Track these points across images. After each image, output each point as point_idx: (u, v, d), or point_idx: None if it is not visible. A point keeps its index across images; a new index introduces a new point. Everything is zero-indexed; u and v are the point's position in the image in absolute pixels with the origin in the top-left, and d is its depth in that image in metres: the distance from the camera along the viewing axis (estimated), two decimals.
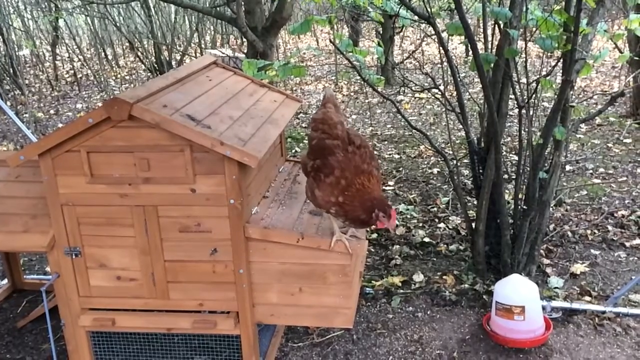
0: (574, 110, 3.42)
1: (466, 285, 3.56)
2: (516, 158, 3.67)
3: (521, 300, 2.93)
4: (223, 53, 7.48)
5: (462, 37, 3.45)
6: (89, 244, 2.49)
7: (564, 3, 3.18)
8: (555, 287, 3.50)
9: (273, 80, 4.79)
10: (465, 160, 4.97)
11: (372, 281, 3.67)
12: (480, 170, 3.60)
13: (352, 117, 7.68)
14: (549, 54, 3.87)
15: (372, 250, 4.09)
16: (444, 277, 3.67)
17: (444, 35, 3.57)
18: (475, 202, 3.75)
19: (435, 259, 3.95)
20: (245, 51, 6.97)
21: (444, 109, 4.03)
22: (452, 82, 3.54)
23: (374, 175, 2.29)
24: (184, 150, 2.29)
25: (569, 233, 4.14)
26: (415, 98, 8.24)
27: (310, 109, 8.12)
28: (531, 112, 3.43)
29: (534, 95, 3.42)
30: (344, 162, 2.26)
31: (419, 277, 3.69)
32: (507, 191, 4.08)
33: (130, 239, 2.45)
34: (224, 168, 2.29)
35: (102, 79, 10.60)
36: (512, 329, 2.96)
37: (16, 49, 11.15)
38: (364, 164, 2.28)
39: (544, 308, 3.15)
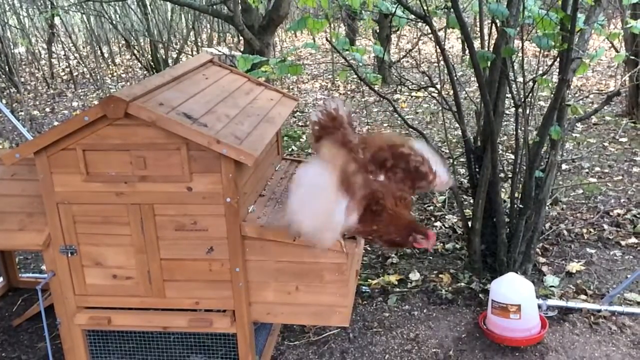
0: (570, 108, 3.43)
1: (462, 284, 3.56)
2: (512, 157, 3.67)
3: (517, 298, 2.94)
4: (220, 51, 7.47)
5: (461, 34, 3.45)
6: (84, 242, 2.48)
7: (560, 1, 3.18)
8: (551, 286, 3.51)
9: (270, 79, 4.79)
10: (462, 159, 4.97)
11: (369, 280, 3.67)
12: (477, 169, 3.61)
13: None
14: (545, 52, 3.88)
15: (369, 248, 4.10)
16: (440, 275, 3.68)
17: (441, 33, 3.57)
18: (472, 201, 3.75)
19: (431, 258, 3.95)
20: (242, 49, 6.97)
21: (440, 108, 4.04)
22: (449, 80, 3.54)
23: (407, 200, 2.20)
24: (180, 149, 2.29)
25: (565, 232, 4.15)
26: (411, 97, 8.24)
27: (307, 107, 8.12)
28: (527, 111, 3.44)
29: (530, 94, 3.42)
30: (381, 189, 2.15)
31: (415, 276, 3.70)
32: (503, 190, 4.09)
33: (127, 237, 2.45)
34: (221, 166, 2.29)
35: (98, 77, 10.57)
36: (508, 328, 2.97)
37: (12, 47, 11.10)
38: (398, 190, 2.18)
39: (539, 307, 3.16)
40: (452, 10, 3.18)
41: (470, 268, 3.69)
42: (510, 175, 3.71)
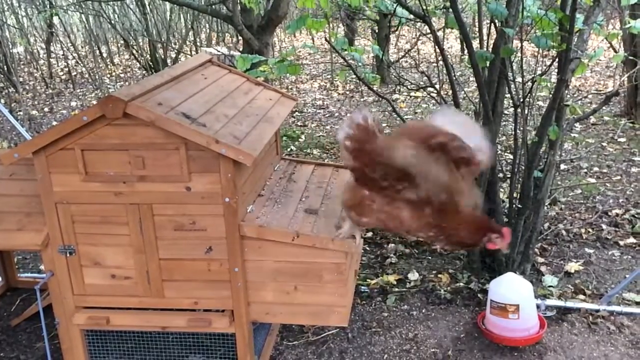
0: (569, 109, 3.43)
1: (461, 284, 3.56)
2: (511, 157, 3.67)
3: (516, 298, 2.94)
4: (218, 51, 7.47)
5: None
6: (83, 242, 2.48)
7: (559, 2, 3.19)
8: (550, 286, 3.51)
9: (268, 79, 4.79)
10: None
11: (367, 280, 3.67)
12: None
13: (348, 115, 7.67)
14: (544, 52, 3.88)
15: (367, 248, 4.10)
16: (439, 275, 3.68)
17: (440, 33, 3.57)
18: None
19: (430, 258, 3.95)
20: (241, 49, 6.97)
21: (439, 108, 4.05)
22: (448, 80, 3.55)
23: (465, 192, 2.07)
24: (179, 149, 2.29)
25: (564, 232, 4.15)
26: (410, 97, 8.25)
27: (305, 107, 8.12)
28: (526, 111, 3.44)
29: (529, 94, 3.43)
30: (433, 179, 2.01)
31: (414, 276, 3.70)
32: (502, 190, 4.09)
33: (125, 237, 2.45)
34: (219, 166, 2.29)
35: (97, 77, 10.56)
36: (506, 328, 2.97)
37: (10, 46, 11.09)
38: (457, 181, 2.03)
39: (538, 306, 3.16)
40: (450, 10, 3.18)
41: (469, 268, 3.69)
42: (508, 175, 3.72)
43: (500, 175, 3.98)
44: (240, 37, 7.37)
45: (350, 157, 2.21)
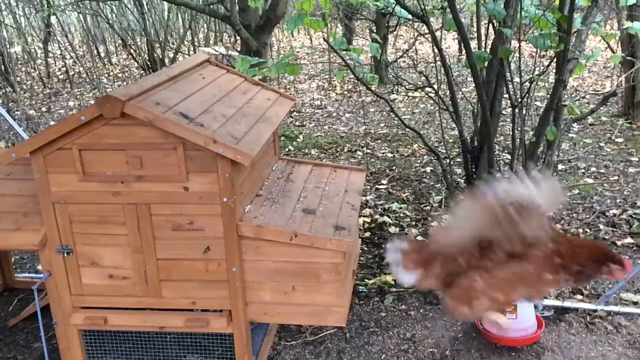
0: (567, 109, 3.44)
1: None
2: (509, 157, 3.68)
3: None
4: (216, 51, 7.46)
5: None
6: (81, 242, 2.48)
7: (557, 2, 3.20)
8: None
9: (266, 78, 4.78)
10: (459, 159, 4.98)
11: (365, 280, 3.67)
12: (474, 169, 3.61)
13: (346, 115, 7.68)
14: (542, 53, 3.89)
15: (365, 248, 4.10)
16: None
17: (438, 34, 3.58)
18: None
19: None
20: (239, 49, 6.97)
21: (437, 108, 4.05)
22: (446, 80, 3.55)
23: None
24: (176, 148, 2.28)
25: (561, 232, 4.15)
26: (408, 97, 8.25)
27: (303, 107, 8.11)
28: (524, 112, 3.45)
29: (527, 95, 3.43)
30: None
31: None
32: None
33: (123, 237, 2.44)
34: (217, 166, 2.29)
35: (95, 77, 10.55)
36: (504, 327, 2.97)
37: (7, 46, 11.07)
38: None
39: (535, 306, 3.16)
40: (449, 10, 3.19)
41: None
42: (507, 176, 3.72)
43: (498, 175, 3.98)
44: (238, 37, 7.37)
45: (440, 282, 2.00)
